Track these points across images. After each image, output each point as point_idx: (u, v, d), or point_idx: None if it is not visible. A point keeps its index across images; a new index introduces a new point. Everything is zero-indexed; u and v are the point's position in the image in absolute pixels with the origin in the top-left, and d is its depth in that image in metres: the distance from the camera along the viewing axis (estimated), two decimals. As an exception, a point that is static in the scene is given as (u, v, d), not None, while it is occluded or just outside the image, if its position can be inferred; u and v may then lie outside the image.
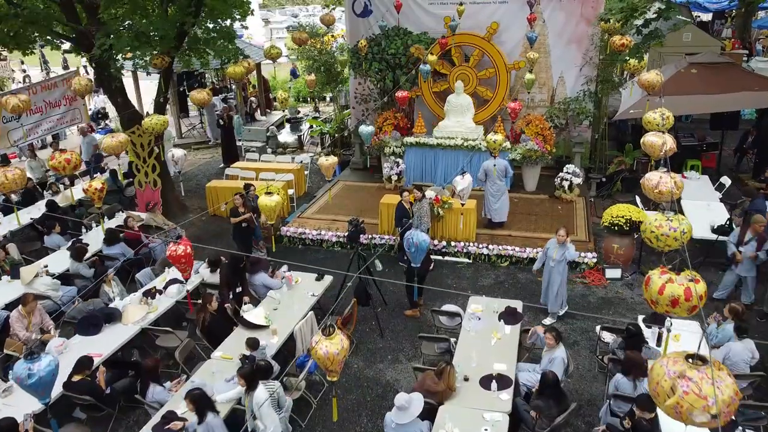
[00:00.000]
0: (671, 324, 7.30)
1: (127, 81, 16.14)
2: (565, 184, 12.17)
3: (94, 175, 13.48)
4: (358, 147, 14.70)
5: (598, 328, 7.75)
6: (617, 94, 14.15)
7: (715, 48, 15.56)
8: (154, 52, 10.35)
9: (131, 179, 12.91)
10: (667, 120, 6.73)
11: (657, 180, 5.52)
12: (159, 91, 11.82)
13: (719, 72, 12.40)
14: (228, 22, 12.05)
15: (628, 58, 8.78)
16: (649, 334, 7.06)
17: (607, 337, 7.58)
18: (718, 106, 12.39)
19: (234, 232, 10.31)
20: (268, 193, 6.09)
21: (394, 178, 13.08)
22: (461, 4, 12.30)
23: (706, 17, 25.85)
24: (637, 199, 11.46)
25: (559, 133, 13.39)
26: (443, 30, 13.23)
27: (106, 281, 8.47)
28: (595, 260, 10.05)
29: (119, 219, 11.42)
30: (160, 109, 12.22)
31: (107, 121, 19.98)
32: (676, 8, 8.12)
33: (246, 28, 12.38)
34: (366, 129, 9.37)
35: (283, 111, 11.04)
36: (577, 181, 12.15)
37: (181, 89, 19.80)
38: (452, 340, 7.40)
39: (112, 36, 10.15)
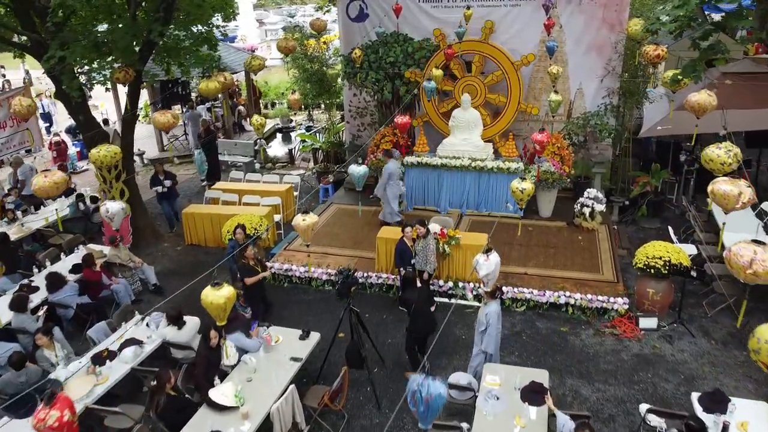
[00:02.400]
0: (734, 407, 5.95)
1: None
2: (586, 210, 10.78)
3: (59, 198, 12.09)
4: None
5: (643, 408, 6.35)
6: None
7: (737, 52, 14.12)
8: (116, 65, 8.94)
9: (98, 204, 11.50)
10: (734, 158, 5.33)
11: (749, 256, 4.11)
12: (126, 107, 10.42)
13: (757, 83, 10.99)
14: (208, 26, 10.72)
15: (680, 77, 7.37)
16: (711, 423, 5.67)
17: (654, 420, 6.19)
18: (756, 123, 10.98)
19: (247, 292, 8.47)
20: (216, 284, 4.63)
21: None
22: (468, 7, 10.89)
23: (716, 17, 24.52)
24: (670, 229, 10.08)
25: (577, 151, 11.99)
26: (448, 36, 11.83)
27: (43, 344, 7.05)
28: (626, 307, 8.66)
29: (82, 253, 10.01)
30: (129, 125, 10.85)
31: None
32: (753, 16, 6.70)
33: (225, 35, 10.94)
34: (357, 170, 7.80)
35: (258, 139, 9.57)
36: (600, 207, 10.75)
37: (169, 94, 18.39)
38: (464, 426, 6.01)
39: (67, 46, 8.75)
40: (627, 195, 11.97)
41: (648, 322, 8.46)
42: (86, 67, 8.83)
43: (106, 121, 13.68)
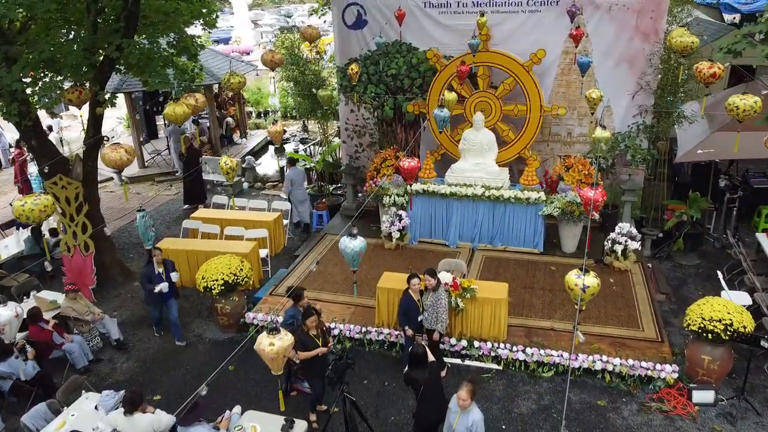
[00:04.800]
0: None
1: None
2: (618, 248, 9.37)
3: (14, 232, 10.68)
4: (351, 189, 11.88)
5: None
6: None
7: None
8: (66, 86, 7.51)
9: (59, 237, 10.06)
10: None
11: None
12: (87, 132, 9.00)
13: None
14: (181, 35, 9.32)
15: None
16: None
17: None
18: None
19: (306, 368, 6.59)
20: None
21: (396, 235, 10.26)
22: (482, 14, 9.46)
23: (728, 17, 23.29)
24: (719, 274, 8.66)
25: (604, 176, 10.57)
26: (458, 45, 10.39)
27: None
28: (675, 375, 7.23)
29: (35, 302, 8.60)
30: (92, 150, 9.43)
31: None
32: None
33: (202, 47, 9.53)
34: (352, 246, 6.07)
35: (232, 181, 8.00)
36: (634, 245, 9.34)
37: (147, 108, 17.00)
38: None
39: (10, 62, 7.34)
40: (661, 226, 10.57)
41: (703, 396, 7.03)
42: (30, 89, 7.36)
43: (50, 128, 12.09)
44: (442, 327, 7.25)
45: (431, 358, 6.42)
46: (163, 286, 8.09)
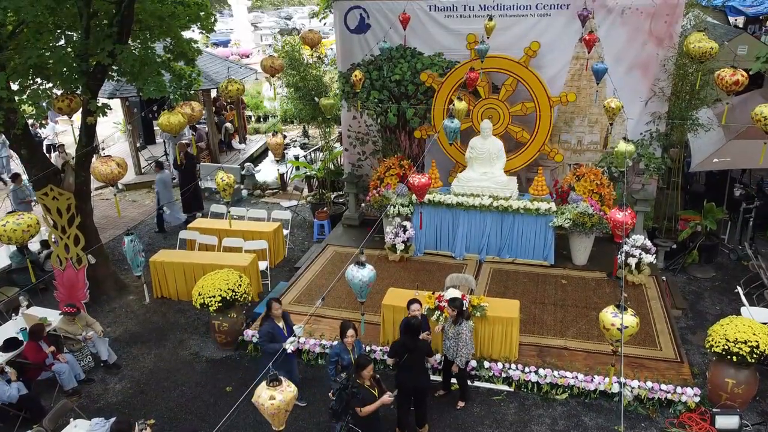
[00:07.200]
0: None
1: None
2: (632, 261, 9.01)
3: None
4: (353, 198, 11.51)
5: None
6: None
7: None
8: (56, 93, 7.15)
9: (50, 249, 9.68)
10: None
11: None
12: (80, 142, 8.63)
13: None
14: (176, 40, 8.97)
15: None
16: None
17: None
18: None
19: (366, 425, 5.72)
20: None
21: (400, 247, 9.90)
22: (490, 18, 9.11)
23: (732, 20, 23.07)
24: (739, 290, 8.30)
25: (615, 185, 10.20)
26: (465, 50, 10.07)
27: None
28: (697, 399, 6.86)
29: (24, 320, 8.23)
30: (85, 160, 9.06)
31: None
32: None
33: (199, 51, 9.17)
34: (360, 276, 5.53)
35: (229, 198, 7.46)
36: (649, 258, 8.98)
37: (143, 115, 16.63)
38: None
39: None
40: (674, 237, 10.21)
41: (727, 421, 6.62)
42: (17, 97, 7.00)
43: (63, 147, 11.79)
44: (461, 361, 6.86)
45: (423, 336, 6.49)
46: (293, 344, 6.55)
